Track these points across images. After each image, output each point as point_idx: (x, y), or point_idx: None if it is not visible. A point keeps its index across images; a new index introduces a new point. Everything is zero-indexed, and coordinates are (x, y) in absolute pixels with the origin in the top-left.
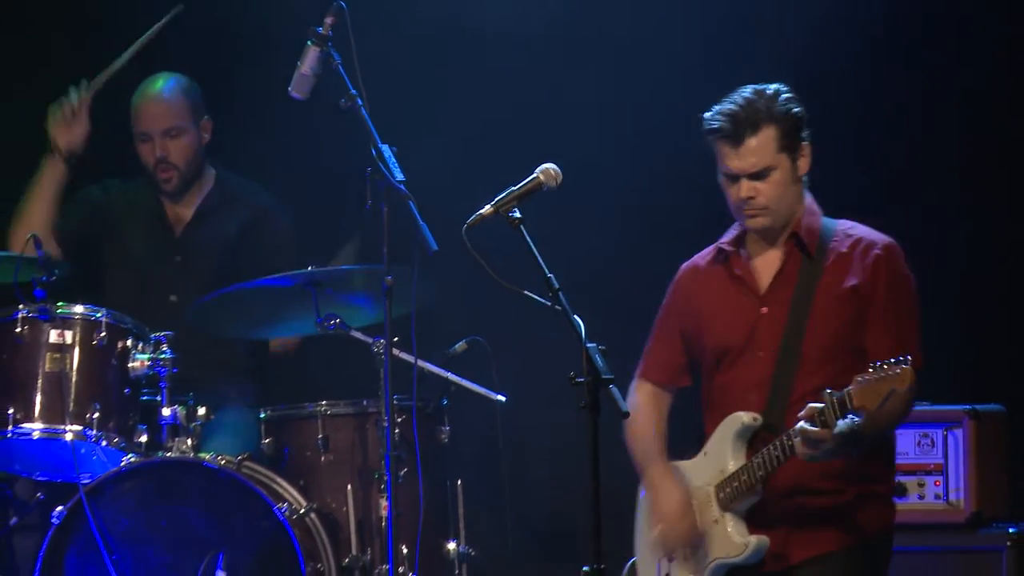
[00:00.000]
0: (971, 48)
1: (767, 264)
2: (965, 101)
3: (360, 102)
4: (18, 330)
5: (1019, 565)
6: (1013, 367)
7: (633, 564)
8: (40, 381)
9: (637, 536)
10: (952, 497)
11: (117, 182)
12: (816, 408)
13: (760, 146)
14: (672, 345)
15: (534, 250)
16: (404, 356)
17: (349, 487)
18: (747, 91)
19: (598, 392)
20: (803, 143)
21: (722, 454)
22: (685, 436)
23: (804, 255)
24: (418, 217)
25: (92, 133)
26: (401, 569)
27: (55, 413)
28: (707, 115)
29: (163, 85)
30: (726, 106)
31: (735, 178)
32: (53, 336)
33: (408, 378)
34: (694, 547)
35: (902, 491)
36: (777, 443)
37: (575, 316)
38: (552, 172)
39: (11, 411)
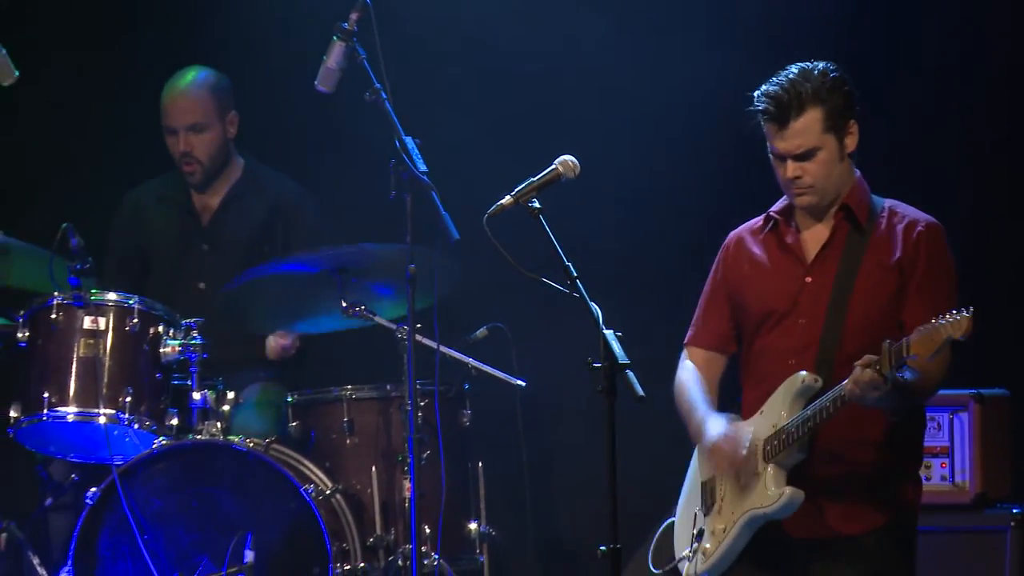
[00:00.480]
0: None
1: (815, 235)
2: (968, 91)
3: (384, 95)
4: (53, 316)
5: (1023, 544)
6: (1017, 353)
7: (669, 524)
8: (74, 366)
9: (683, 492)
10: (958, 479)
11: (154, 181)
12: (872, 358)
13: (805, 128)
14: (720, 311)
15: (553, 239)
16: (427, 342)
17: (373, 469)
18: (793, 71)
19: (614, 377)
20: (850, 121)
21: (776, 411)
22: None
23: (853, 228)
24: (440, 207)
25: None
26: (424, 548)
27: (89, 397)
28: (755, 94)
29: (190, 80)
30: (772, 87)
31: (782, 158)
32: (87, 322)
33: (431, 363)
34: (741, 475)
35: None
36: (829, 393)
37: (592, 303)
38: (570, 163)
39: (46, 395)
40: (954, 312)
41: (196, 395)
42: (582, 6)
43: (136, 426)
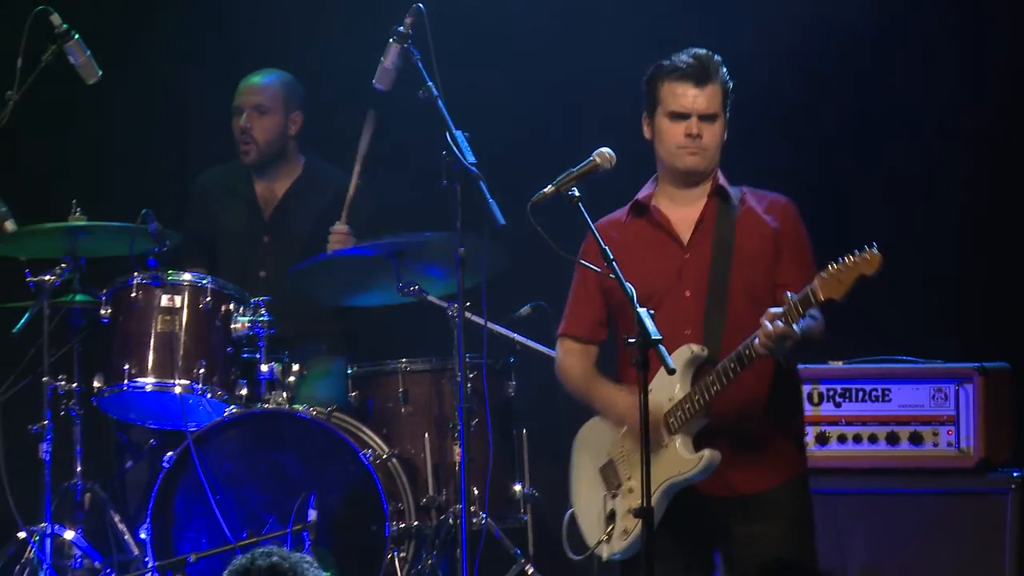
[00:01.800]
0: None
1: (683, 216)
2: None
3: (436, 92)
4: (133, 295)
5: (1023, 505)
6: (1018, 330)
7: (572, 515)
8: (153, 340)
9: (576, 482)
10: (963, 445)
11: (219, 168)
12: (777, 311)
13: (715, 92)
14: (592, 301)
15: (591, 224)
16: (475, 319)
17: (426, 435)
18: (700, 50)
19: (647, 351)
20: (728, 113)
21: (669, 384)
22: None
23: (722, 206)
24: (488, 195)
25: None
26: (472, 508)
27: (166, 369)
28: (667, 61)
29: (266, 73)
30: (689, 54)
31: (685, 116)
32: (164, 300)
33: (479, 338)
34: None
35: (895, 439)
36: (733, 354)
37: (627, 283)
38: (607, 155)
39: (127, 367)
40: (858, 251)
41: (264, 367)
42: (619, 8)
43: (209, 395)
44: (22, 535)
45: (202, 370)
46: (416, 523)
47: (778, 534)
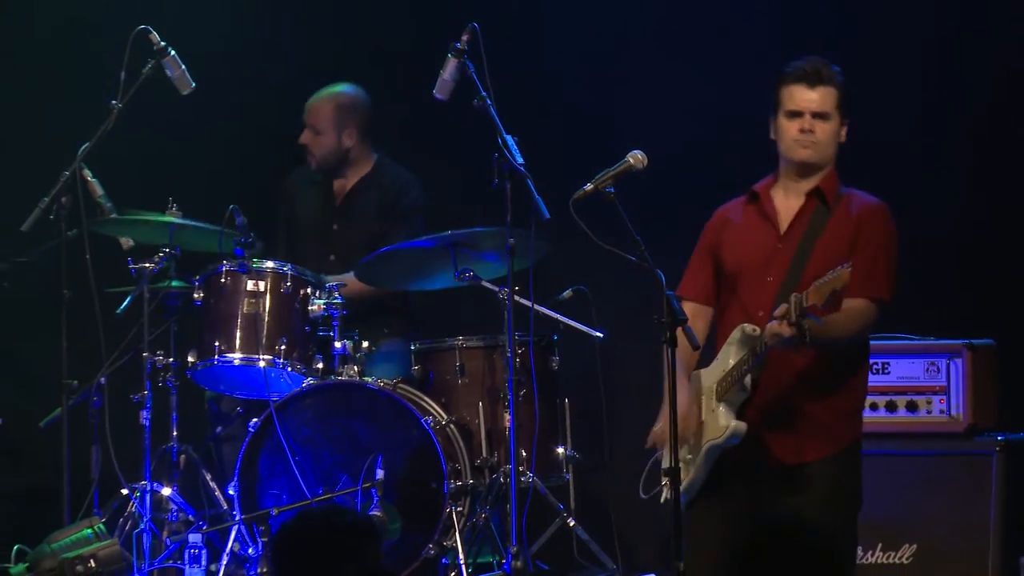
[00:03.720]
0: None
1: (788, 209)
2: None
3: (489, 101)
4: (223, 281)
5: (1006, 466)
6: (1002, 310)
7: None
8: (240, 320)
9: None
10: (953, 412)
11: (306, 168)
12: (781, 309)
13: (827, 94)
14: (704, 268)
15: (625, 217)
16: (523, 301)
17: (480, 404)
18: (817, 58)
19: (675, 330)
20: (847, 117)
21: (725, 358)
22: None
23: (820, 206)
24: (534, 192)
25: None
26: (521, 468)
27: (251, 345)
28: (787, 67)
29: (325, 93)
30: (805, 60)
31: (799, 114)
32: (250, 285)
33: (526, 318)
34: (696, 435)
35: (893, 407)
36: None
37: (657, 269)
38: (639, 156)
39: (217, 344)
40: (839, 268)
41: (337, 344)
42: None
43: (289, 369)
44: (124, 492)
45: (283, 346)
46: (471, 481)
47: (813, 507)
